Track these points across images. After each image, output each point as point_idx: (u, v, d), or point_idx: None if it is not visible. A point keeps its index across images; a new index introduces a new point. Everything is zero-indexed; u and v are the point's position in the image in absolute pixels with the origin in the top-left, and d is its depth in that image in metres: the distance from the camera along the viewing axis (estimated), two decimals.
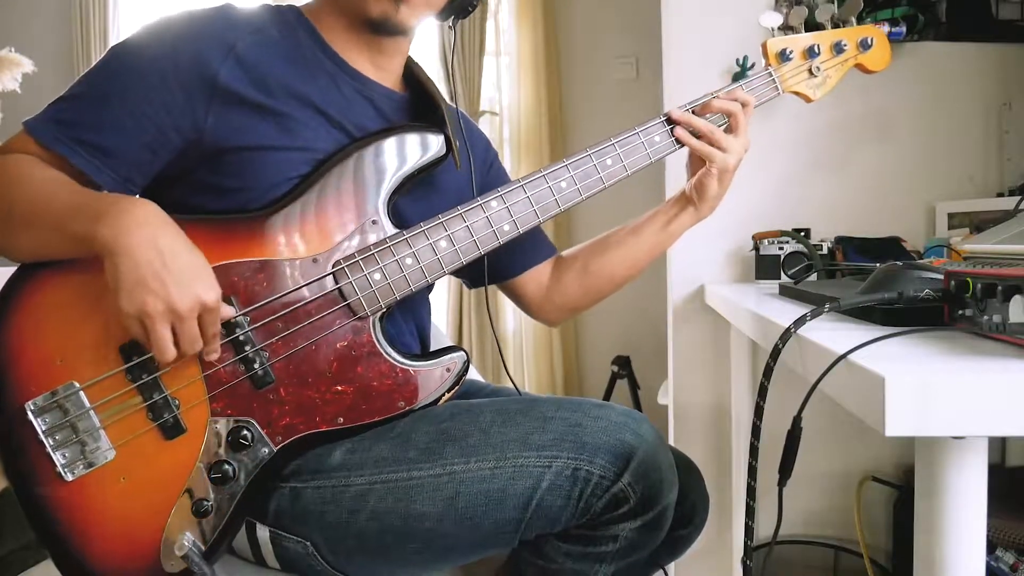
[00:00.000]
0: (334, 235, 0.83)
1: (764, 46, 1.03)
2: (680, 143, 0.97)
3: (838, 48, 1.05)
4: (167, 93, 0.80)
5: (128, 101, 0.79)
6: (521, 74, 2.97)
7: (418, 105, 0.96)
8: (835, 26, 1.09)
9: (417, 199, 0.91)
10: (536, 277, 1.10)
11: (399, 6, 0.86)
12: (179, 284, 0.72)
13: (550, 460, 0.76)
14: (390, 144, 0.86)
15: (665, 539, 0.84)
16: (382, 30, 0.88)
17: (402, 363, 0.84)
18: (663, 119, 0.97)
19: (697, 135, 0.96)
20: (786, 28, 1.31)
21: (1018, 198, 1.29)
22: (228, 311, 0.78)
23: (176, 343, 0.74)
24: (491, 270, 1.01)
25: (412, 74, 0.98)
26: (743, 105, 0.96)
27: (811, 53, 1.04)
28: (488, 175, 1.07)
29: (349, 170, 0.84)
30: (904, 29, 1.44)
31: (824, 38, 1.05)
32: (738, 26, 1.50)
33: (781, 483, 0.65)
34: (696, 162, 1.00)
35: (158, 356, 0.74)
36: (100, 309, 0.78)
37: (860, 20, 1.15)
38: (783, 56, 1.03)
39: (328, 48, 0.89)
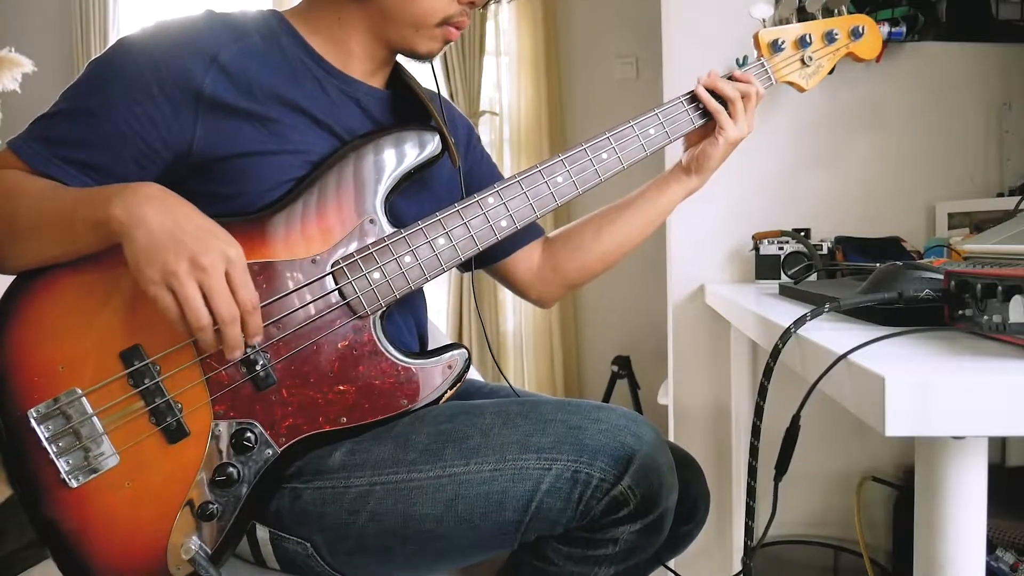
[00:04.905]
0: (332, 236, 0.83)
1: (756, 37, 1.04)
2: (702, 107, 0.98)
3: (829, 37, 1.05)
4: (152, 106, 0.79)
5: (113, 116, 0.79)
6: (521, 74, 2.97)
7: (402, 102, 0.96)
8: (826, 15, 1.09)
9: (410, 197, 0.91)
10: (527, 259, 1.11)
11: (445, 45, 0.90)
12: (197, 240, 0.71)
13: (550, 463, 0.76)
14: (386, 144, 0.86)
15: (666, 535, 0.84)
16: (415, 59, 0.92)
17: (403, 361, 0.84)
18: (693, 88, 0.98)
19: (722, 102, 0.98)
20: (777, 19, 1.31)
21: (1018, 198, 1.29)
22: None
23: (210, 308, 0.71)
24: (478, 255, 1.01)
25: (394, 72, 0.98)
26: (748, 96, 0.99)
27: (803, 43, 1.04)
28: (469, 159, 1.08)
29: (346, 171, 0.84)
30: (904, 29, 1.44)
31: (815, 27, 1.05)
32: (738, 26, 1.50)
33: (777, 479, 0.65)
34: (699, 133, 1.01)
35: (193, 322, 0.70)
36: (102, 314, 0.78)
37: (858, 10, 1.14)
38: (775, 46, 1.03)
39: (312, 52, 0.89)
